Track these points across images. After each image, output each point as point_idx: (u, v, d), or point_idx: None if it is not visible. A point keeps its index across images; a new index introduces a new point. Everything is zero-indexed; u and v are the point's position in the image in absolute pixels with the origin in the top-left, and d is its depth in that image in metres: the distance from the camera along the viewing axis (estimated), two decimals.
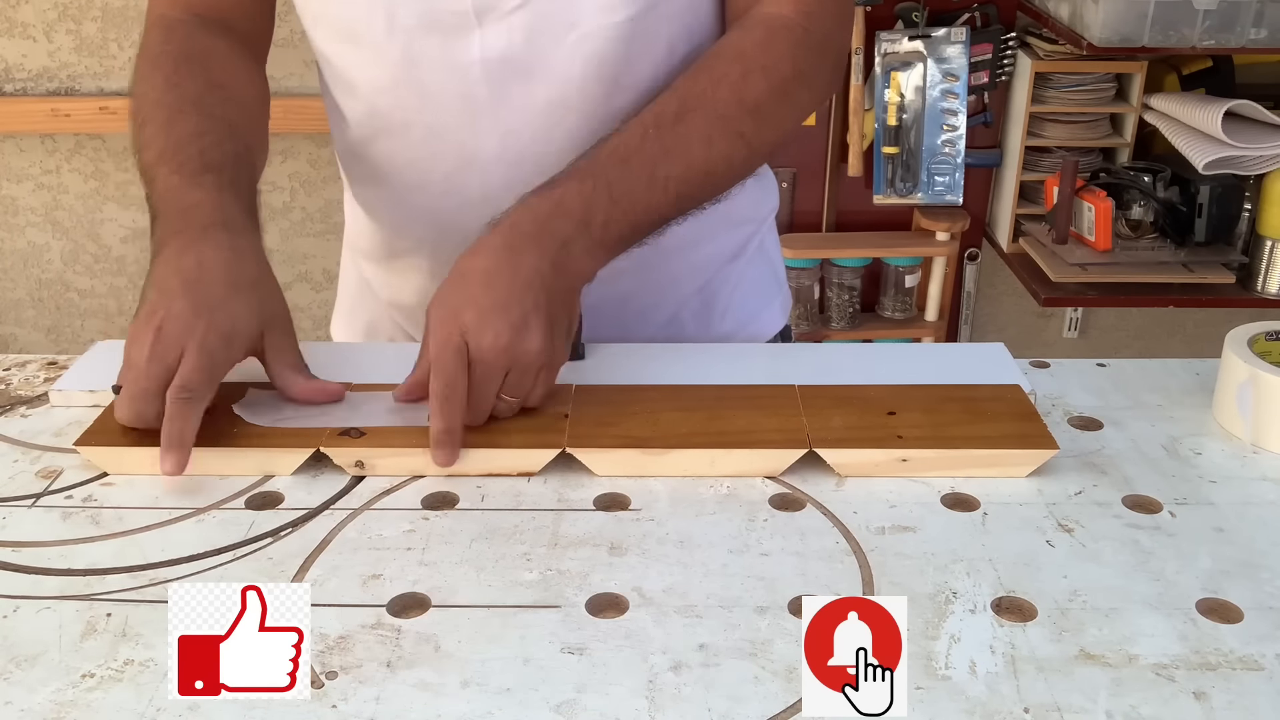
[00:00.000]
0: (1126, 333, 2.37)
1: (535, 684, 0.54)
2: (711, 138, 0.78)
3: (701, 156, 0.78)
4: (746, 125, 0.79)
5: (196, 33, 0.87)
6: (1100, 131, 2.03)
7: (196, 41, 0.86)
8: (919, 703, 0.53)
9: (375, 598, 0.60)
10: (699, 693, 0.53)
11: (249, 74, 0.89)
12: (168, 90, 0.82)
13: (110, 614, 0.59)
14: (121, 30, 2.03)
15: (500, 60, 0.81)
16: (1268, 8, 1.78)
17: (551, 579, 0.61)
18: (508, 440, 0.71)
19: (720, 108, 0.78)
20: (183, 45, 0.86)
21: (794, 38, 0.81)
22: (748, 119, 0.79)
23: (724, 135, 0.78)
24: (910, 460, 0.70)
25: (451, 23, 0.80)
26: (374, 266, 0.99)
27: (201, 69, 0.84)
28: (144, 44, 0.87)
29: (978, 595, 0.60)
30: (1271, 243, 1.89)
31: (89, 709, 0.53)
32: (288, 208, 2.17)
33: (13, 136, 2.11)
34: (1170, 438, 0.75)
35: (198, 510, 0.68)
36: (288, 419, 0.73)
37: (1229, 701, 0.53)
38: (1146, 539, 0.65)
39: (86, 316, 2.27)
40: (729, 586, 0.61)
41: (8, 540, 0.65)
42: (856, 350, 0.86)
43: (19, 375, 0.85)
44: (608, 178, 0.75)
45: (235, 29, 0.89)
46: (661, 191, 0.77)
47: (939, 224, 2.12)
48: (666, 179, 0.77)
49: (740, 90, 0.79)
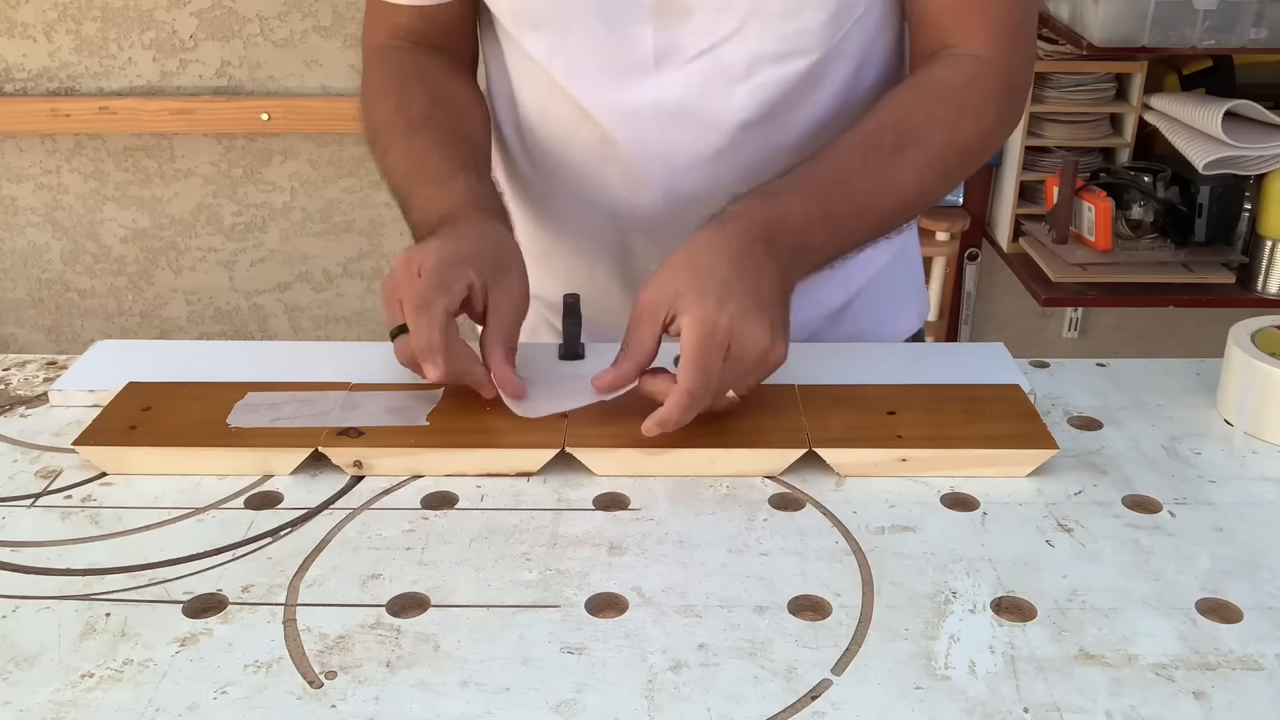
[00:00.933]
0: (1126, 333, 2.37)
1: (534, 684, 0.54)
2: (923, 174, 0.79)
3: (912, 191, 0.79)
4: (952, 164, 0.81)
5: (413, 55, 0.90)
6: (1100, 131, 2.03)
7: (415, 62, 0.90)
8: (919, 703, 0.53)
9: (374, 597, 0.60)
10: (698, 692, 0.53)
11: (465, 86, 0.92)
12: (399, 114, 0.86)
13: (109, 614, 0.59)
14: (121, 30, 2.03)
15: (673, 106, 0.83)
16: (1268, 8, 1.77)
17: (551, 579, 0.61)
18: (507, 440, 0.71)
19: (935, 148, 0.79)
20: (403, 68, 0.89)
21: (998, 82, 0.82)
22: (954, 159, 0.81)
23: (934, 173, 0.80)
24: (910, 460, 0.70)
25: (629, 69, 0.82)
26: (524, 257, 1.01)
27: (424, 86, 0.88)
28: (367, 74, 0.91)
29: (977, 595, 0.60)
30: (1271, 243, 1.88)
31: (88, 709, 0.53)
32: (288, 208, 2.17)
33: (13, 136, 2.11)
34: (1170, 438, 0.75)
35: (197, 510, 0.68)
36: (286, 419, 0.73)
37: (1229, 701, 0.53)
38: (1146, 539, 0.65)
39: (86, 316, 2.27)
40: (728, 586, 0.61)
41: (7, 540, 0.65)
42: (856, 350, 0.86)
43: (19, 375, 0.85)
44: (830, 202, 0.76)
45: (446, 49, 0.92)
46: (869, 223, 0.78)
47: (939, 224, 2.11)
48: (878, 210, 0.78)
49: (953, 132, 0.80)
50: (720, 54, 0.81)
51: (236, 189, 2.15)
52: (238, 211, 2.17)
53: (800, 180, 0.76)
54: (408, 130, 0.85)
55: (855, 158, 0.77)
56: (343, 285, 2.23)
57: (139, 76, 2.07)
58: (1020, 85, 0.84)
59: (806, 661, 0.55)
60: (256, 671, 0.55)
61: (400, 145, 0.84)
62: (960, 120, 0.80)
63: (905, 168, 0.78)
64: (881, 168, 0.77)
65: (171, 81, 2.07)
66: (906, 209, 0.81)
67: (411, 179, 0.82)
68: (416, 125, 0.85)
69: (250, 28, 2.02)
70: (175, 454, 0.71)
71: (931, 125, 0.79)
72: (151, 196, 2.16)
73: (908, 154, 0.78)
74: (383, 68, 0.90)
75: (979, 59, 0.81)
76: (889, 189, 0.78)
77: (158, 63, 2.06)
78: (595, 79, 0.83)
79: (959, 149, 0.80)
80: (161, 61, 2.06)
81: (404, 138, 0.84)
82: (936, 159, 0.79)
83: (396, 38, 0.91)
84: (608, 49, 0.81)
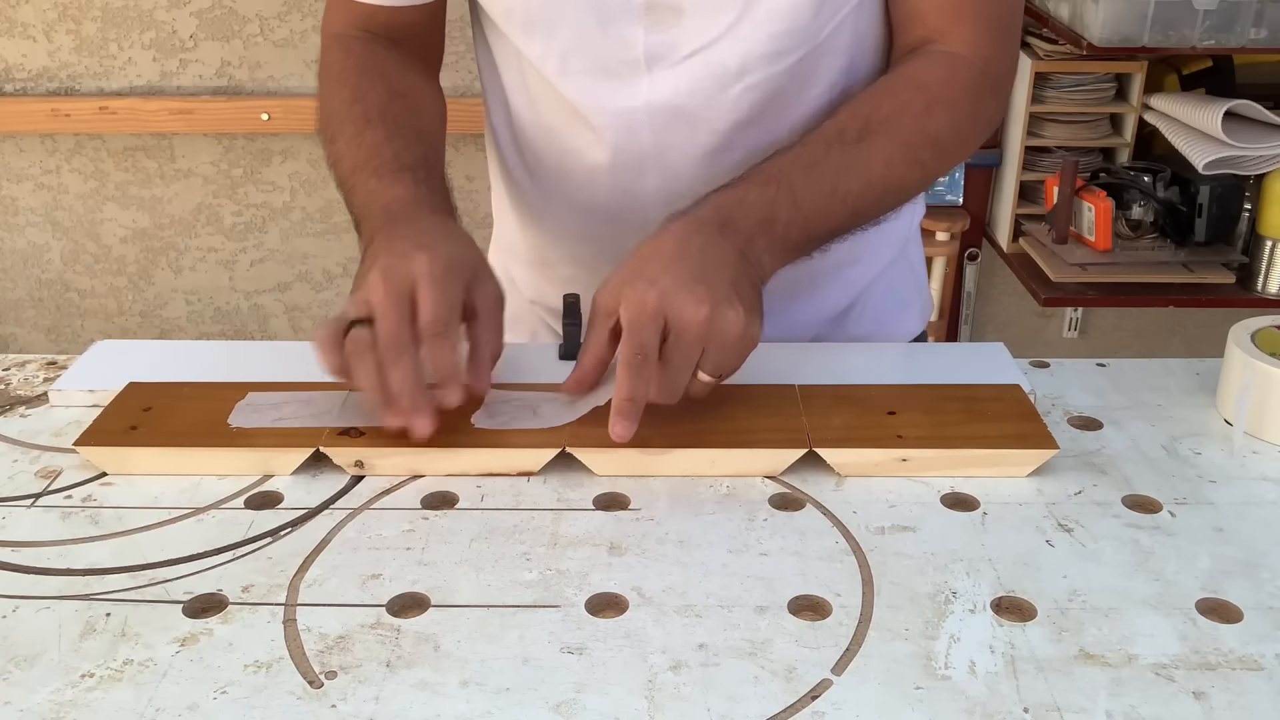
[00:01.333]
0: (1126, 333, 2.37)
1: (534, 684, 0.54)
2: (892, 161, 0.79)
3: (880, 177, 0.79)
4: (925, 154, 0.80)
5: (373, 47, 0.89)
6: (1100, 131, 2.03)
7: (375, 55, 0.89)
8: (919, 702, 0.53)
9: (374, 597, 0.60)
10: (698, 692, 0.53)
11: (425, 85, 0.91)
12: (354, 104, 0.84)
13: (109, 614, 0.59)
14: (121, 30, 2.03)
15: (666, 106, 0.83)
16: (1268, 8, 1.77)
17: (551, 579, 0.61)
18: (507, 440, 0.71)
19: (903, 134, 0.79)
20: (362, 59, 0.88)
21: (973, 78, 0.82)
22: (927, 148, 0.80)
23: (904, 161, 0.79)
24: (910, 460, 0.70)
25: (621, 69, 0.82)
26: (523, 268, 1.01)
27: (381, 79, 0.87)
28: (324, 61, 0.90)
29: (977, 595, 0.60)
30: (1271, 243, 1.88)
31: (88, 709, 0.53)
32: (288, 208, 2.17)
33: (13, 136, 2.11)
34: (1170, 438, 0.75)
35: (197, 510, 0.68)
36: (288, 419, 0.73)
37: (1228, 701, 0.53)
38: (1146, 539, 0.65)
39: (86, 316, 2.27)
40: (728, 586, 0.61)
41: (7, 540, 0.65)
42: (856, 350, 0.87)
43: (18, 375, 0.85)
44: (791, 182, 0.75)
45: (407, 44, 0.92)
46: (840, 204, 0.77)
47: (939, 224, 2.11)
48: (846, 194, 0.77)
49: (923, 121, 0.80)
50: (712, 54, 0.81)
51: (236, 189, 2.15)
52: (238, 211, 2.17)
53: (760, 169, 0.76)
54: (361, 121, 0.83)
55: (821, 144, 0.78)
56: (343, 285, 2.23)
57: (139, 76, 2.07)
58: (997, 83, 0.84)
59: (806, 661, 0.55)
60: (256, 671, 0.55)
61: (350, 134, 0.83)
62: (931, 110, 0.80)
63: (873, 152, 0.78)
64: (847, 152, 0.77)
65: (171, 81, 2.07)
66: (878, 196, 0.80)
67: (357, 170, 0.80)
68: (370, 117, 0.83)
69: (250, 28, 2.02)
70: (176, 454, 0.71)
71: (901, 114, 0.79)
72: (151, 196, 2.16)
73: (876, 140, 0.78)
74: (341, 57, 0.89)
75: (956, 55, 0.82)
76: (855, 172, 0.77)
77: (158, 63, 2.06)
78: (587, 79, 0.83)
79: (929, 137, 0.80)
80: (161, 61, 2.06)
81: (355, 127, 0.83)
82: (905, 146, 0.79)
83: (358, 28, 0.90)
84: (599, 49, 0.81)
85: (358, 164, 0.81)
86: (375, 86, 0.86)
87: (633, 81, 0.82)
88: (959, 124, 0.82)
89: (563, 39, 0.82)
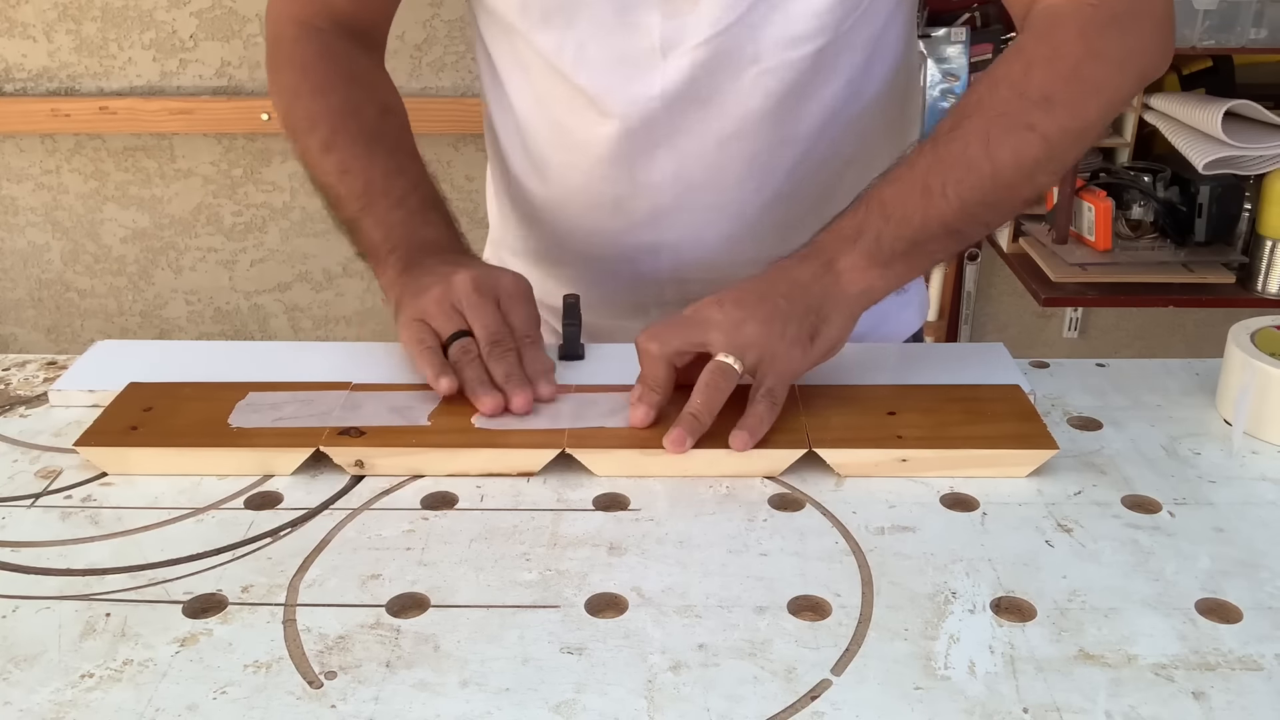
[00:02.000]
0: (1126, 333, 2.37)
1: (534, 684, 0.54)
2: (990, 137, 0.73)
3: (980, 156, 0.73)
4: (1035, 116, 0.73)
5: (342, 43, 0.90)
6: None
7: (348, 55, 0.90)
8: (918, 703, 0.53)
9: (374, 598, 0.60)
10: (698, 693, 0.53)
11: (393, 89, 0.93)
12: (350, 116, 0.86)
13: (109, 614, 0.59)
14: (121, 30, 2.03)
15: (680, 93, 0.83)
16: (1268, 8, 1.77)
17: (550, 579, 0.61)
18: (508, 440, 0.71)
19: (999, 106, 0.74)
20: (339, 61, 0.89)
21: (1080, 20, 0.75)
22: (1035, 110, 0.73)
23: (1006, 131, 0.73)
24: (910, 460, 0.70)
25: (638, 56, 0.82)
26: (522, 268, 1.01)
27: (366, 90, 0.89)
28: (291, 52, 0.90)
29: (977, 595, 0.60)
30: (1271, 243, 1.88)
31: (88, 709, 0.53)
32: (288, 208, 2.17)
33: (13, 136, 2.11)
34: (1170, 438, 0.75)
35: (197, 510, 0.68)
36: (288, 419, 0.73)
37: (1228, 701, 0.53)
38: (1146, 539, 0.65)
39: (86, 316, 2.27)
40: (728, 586, 0.61)
41: (7, 540, 0.65)
42: (856, 350, 0.86)
43: (18, 375, 0.85)
44: (881, 197, 0.74)
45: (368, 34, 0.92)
46: (941, 199, 0.73)
47: None
48: (944, 185, 0.73)
49: (1021, 85, 0.74)
50: (727, 41, 0.81)
51: (236, 189, 2.15)
52: (238, 211, 2.17)
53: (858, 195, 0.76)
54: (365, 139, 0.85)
55: (914, 153, 0.75)
56: (343, 285, 2.23)
57: (139, 76, 2.07)
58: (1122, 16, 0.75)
59: (806, 662, 0.55)
60: (256, 671, 0.55)
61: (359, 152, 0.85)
62: (1029, 71, 0.74)
63: (968, 135, 0.74)
64: (938, 147, 0.74)
65: (171, 81, 2.07)
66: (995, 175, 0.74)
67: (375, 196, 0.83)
68: (370, 135, 0.86)
69: (250, 28, 2.02)
70: (176, 454, 0.71)
71: (995, 88, 0.75)
72: (151, 196, 2.16)
73: (969, 123, 0.74)
74: (316, 52, 0.89)
75: (1055, 7, 0.76)
76: (949, 162, 0.73)
77: (158, 63, 2.06)
78: (603, 68, 0.83)
79: (1034, 98, 0.73)
80: (161, 61, 2.06)
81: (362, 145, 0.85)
82: (1002, 117, 0.74)
83: (320, 13, 0.90)
84: (616, 37, 0.82)
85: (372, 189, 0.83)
86: (368, 100, 0.88)
87: (648, 69, 0.82)
88: (1071, 72, 0.74)
89: (580, 28, 0.82)
